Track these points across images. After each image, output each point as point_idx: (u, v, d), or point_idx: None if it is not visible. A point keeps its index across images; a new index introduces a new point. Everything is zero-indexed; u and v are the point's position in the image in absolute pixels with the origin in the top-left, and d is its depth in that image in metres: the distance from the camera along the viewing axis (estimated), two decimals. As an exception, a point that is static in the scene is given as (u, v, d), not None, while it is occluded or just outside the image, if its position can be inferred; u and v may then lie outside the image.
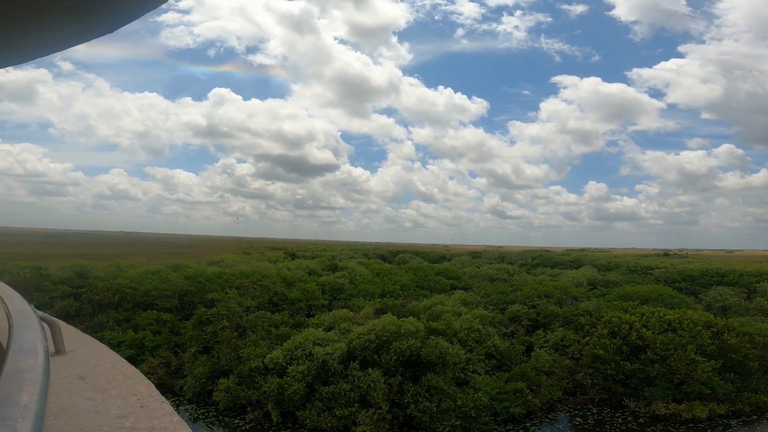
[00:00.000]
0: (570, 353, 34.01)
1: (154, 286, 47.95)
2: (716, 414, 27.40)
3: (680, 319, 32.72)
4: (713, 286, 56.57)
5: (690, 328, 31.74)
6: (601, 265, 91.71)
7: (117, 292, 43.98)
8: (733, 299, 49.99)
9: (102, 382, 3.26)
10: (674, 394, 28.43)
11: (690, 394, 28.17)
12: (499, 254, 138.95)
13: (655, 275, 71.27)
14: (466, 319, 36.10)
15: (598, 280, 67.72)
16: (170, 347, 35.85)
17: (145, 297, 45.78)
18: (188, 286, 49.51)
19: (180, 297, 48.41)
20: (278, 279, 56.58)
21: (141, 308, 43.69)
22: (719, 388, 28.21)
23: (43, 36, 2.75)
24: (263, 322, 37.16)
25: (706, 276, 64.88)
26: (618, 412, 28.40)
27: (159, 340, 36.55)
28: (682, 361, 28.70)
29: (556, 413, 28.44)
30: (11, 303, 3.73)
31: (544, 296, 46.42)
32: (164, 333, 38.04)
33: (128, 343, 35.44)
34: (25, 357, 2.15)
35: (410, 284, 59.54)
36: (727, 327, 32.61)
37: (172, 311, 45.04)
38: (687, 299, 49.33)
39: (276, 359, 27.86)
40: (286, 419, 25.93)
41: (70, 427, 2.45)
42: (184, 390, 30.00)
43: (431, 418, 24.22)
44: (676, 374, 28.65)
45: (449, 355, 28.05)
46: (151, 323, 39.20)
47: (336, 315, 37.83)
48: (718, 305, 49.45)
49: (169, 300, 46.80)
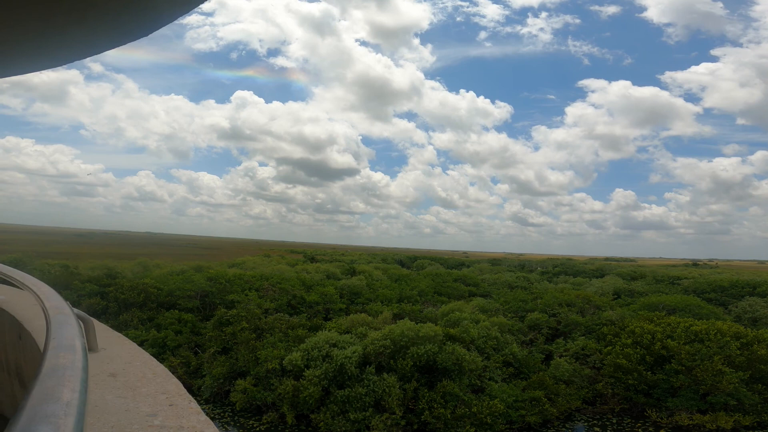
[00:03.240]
0: (591, 362, 33.36)
1: (177, 287, 48.79)
2: (741, 425, 26.64)
3: (707, 330, 31.99)
4: (744, 297, 54.71)
5: (717, 339, 31.00)
6: (625, 274, 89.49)
7: (142, 292, 45.01)
8: (764, 310, 48.45)
9: (133, 380, 3.30)
10: (699, 405, 27.76)
11: (715, 405, 27.48)
12: (519, 262, 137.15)
13: (683, 285, 69.34)
14: (484, 327, 35.74)
15: (622, 290, 66.11)
16: (191, 347, 36.50)
17: (168, 297, 46.65)
18: (210, 287, 50.34)
19: (202, 298, 49.29)
20: (297, 282, 57.14)
21: (164, 308, 44.49)
22: (746, 399, 27.48)
23: (81, 40, 2.92)
24: (281, 324, 37.56)
25: (737, 287, 62.85)
26: (639, 423, 27.80)
27: (180, 340, 37.18)
28: (708, 372, 28.07)
29: (574, 422, 27.87)
30: (48, 300, 3.90)
31: (566, 305, 45.60)
32: (185, 333, 38.70)
33: (151, 342, 36.08)
34: (65, 353, 2.13)
35: (428, 290, 59.26)
36: (757, 338, 31.85)
37: (194, 311, 45.77)
38: (716, 310, 48.08)
39: (294, 361, 28.10)
40: (301, 422, 26.09)
41: (102, 425, 2.49)
42: (202, 390, 30.48)
43: (445, 424, 24.00)
44: (701, 385, 28.03)
45: (466, 361, 27.80)
46: (173, 323, 39.93)
47: (353, 319, 37.97)
48: (748, 316, 48.08)
49: (191, 300, 47.63)
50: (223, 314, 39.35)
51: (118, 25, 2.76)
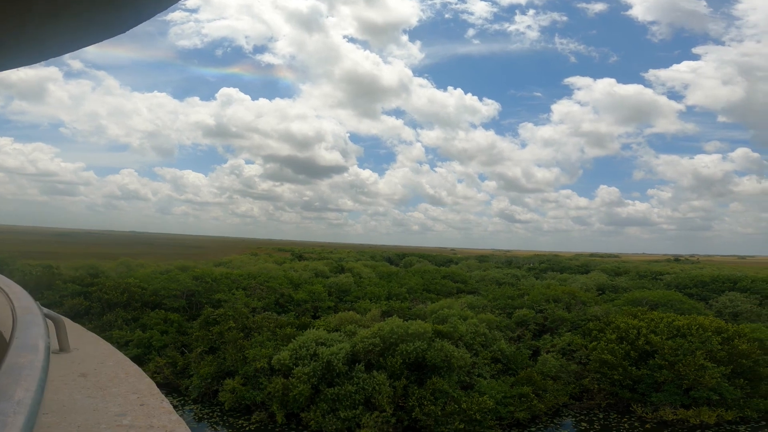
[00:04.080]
0: (577, 358, 33.75)
1: (162, 286, 48.24)
2: (724, 420, 27.01)
3: (689, 325, 32.36)
4: (725, 292, 55.88)
5: (699, 333, 31.38)
6: (609, 270, 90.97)
7: (125, 292, 44.35)
8: (744, 305, 49.44)
9: (103, 380, 3.29)
10: (682, 400, 28.11)
11: (698, 399, 27.83)
12: (506, 258, 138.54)
13: (666, 281, 70.64)
14: (472, 323, 35.97)
15: (607, 285, 67.18)
16: (177, 347, 36.08)
17: (153, 297, 46.09)
18: (196, 287, 49.83)
19: (188, 297, 48.74)
20: (285, 280, 56.83)
21: (149, 308, 43.96)
22: (728, 394, 27.81)
23: (58, 36, 2.80)
24: (269, 323, 37.31)
25: (718, 282, 64.32)
26: (625, 418, 28.11)
27: (166, 340, 36.75)
28: (690, 367, 28.40)
29: (562, 418, 28.16)
30: (17, 299, 3.81)
31: (552, 301, 46.11)
32: (171, 333, 38.25)
33: (136, 343, 35.70)
34: (26, 353, 2.15)
35: (417, 287, 59.45)
36: (738, 333, 32.30)
37: (180, 311, 45.29)
38: (697, 305, 48.86)
39: (283, 360, 27.96)
40: (291, 420, 25.97)
41: (68, 424, 2.48)
42: (190, 390, 30.14)
43: (436, 421, 24.11)
44: (684, 380, 28.35)
45: (455, 358, 27.95)
46: (159, 323, 39.44)
47: (342, 317, 37.89)
48: (728, 311, 48.93)
49: (177, 300, 47.08)
50: (210, 313, 38.97)
51: (96, 22, 2.68)
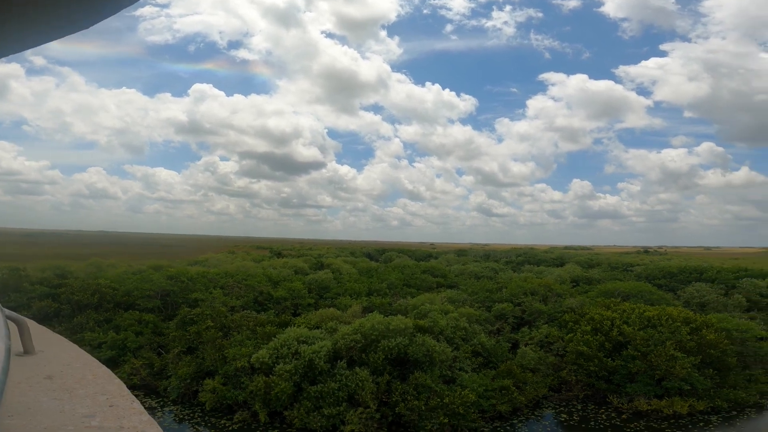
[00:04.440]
0: (554, 350, 34.34)
1: (135, 287, 47.11)
2: (696, 410, 27.41)
3: (659, 316, 32.90)
4: (691, 283, 57.74)
5: (669, 324, 31.91)
6: (583, 262, 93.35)
7: (96, 293, 43.13)
8: (711, 296, 50.93)
9: (70, 382, 3.22)
10: (655, 390, 28.57)
11: (670, 390, 28.29)
12: (484, 252, 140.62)
13: (636, 272, 72.65)
14: (452, 317, 36.28)
15: (581, 277, 68.76)
16: (153, 348, 35.24)
17: (126, 297, 44.98)
18: (171, 286, 48.76)
19: (162, 297, 47.64)
20: (263, 278, 56.11)
21: (122, 309, 42.88)
22: (698, 384, 28.31)
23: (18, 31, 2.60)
24: (248, 321, 36.80)
25: (685, 273, 66.36)
26: (602, 409, 28.54)
27: (141, 341, 35.88)
28: (662, 357, 28.84)
29: (542, 410, 28.54)
30: None
31: (529, 294, 46.88)
32: (147, 334, 37.38)
33: (109, 344, 34.76)
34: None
35: (397, 282, 59.60)
36: (705, 323, 32.91)
37: (155, 312, 44.29)
38: (666, 296, 50.16)
39: (262, 359, 27.58)
40: (274, 419, 25.69)
41: (34, 427, 2.43)
42: (169, 391, 29.50)
43: (420, 416, 24.24)
44: (656, 370, 28.79)
45: (436, 353, 28.14)
46: (133, 324, 38.44)
47: (323, 314, 37.64)
48: (695, 301, 50.29)
49: (151, 300, 45.96)
50: (187, 313, 38.15)
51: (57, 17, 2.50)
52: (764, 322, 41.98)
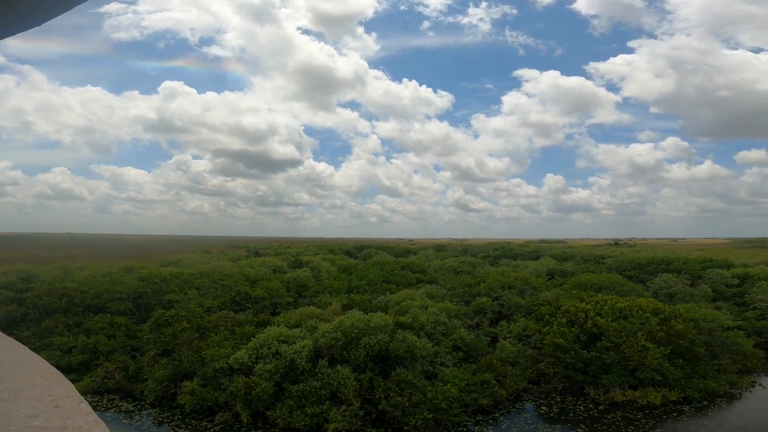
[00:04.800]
0: (532, 343, 34.90)
1: (105, 289, 45.91)
2: (669, 400, 27.85)
3: (630, 307, 33.42)
4: (659, 274, 59.75)
5: (639, 315, 32.45)
6: (557, 255, 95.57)
7: (64, 296, 41.87)
8: (678, 286, 52.49)
9: (17, 384, 3.28)
10: (629, 381, 29.04)
11: (644, 380, 28.77)
12: (462, 247, 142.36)
13: (607, 264, 74.67)
14: (432, 312, 36.54)
15: (555, 270, 70.29)
16: (127, 351, 34.35)
17: (95, 300, 43.85)
18: (143, 288, 47.64)
19: (135, 299, 46.47)
20: (241, 278, 55.27)
21: (92, 312, 41.81)
22: (670, 374, 28.85)
23: None
24: (226, 322, 36.22)
25: (653, 264, 68.41)
26: (580, 400, 28.93)
27: (114, 344, 35.02)
28: (634, 348, 29.32)
29: (523, 403, 28.86)
30: None
31: (507, 287, 47.64)
32: (119, 337, 36.49)
33: (80, 348, 33.87)
34: None
35: (376, 279, 59.62)
36: (673, 313, 33.57)
37: (127, 314, 43.29)
38: (636, 287, 51.33)
39: (241, 359, 27.14)
40: (257, 419, 25.34)
41: None
42: (146, 394, 28.79)
43: (403, 412, 24.32)
44: (629, 361, 29.25)
45: (417, 348, 28.28)
46: (105, 327, 37.51)
47: (302, 312, 37.33)
48: (664, 292, 51.60)
49: (122, 303, 44.81)
50: (161, 315, 37.23)
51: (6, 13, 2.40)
52: (730, 312, 43.81)
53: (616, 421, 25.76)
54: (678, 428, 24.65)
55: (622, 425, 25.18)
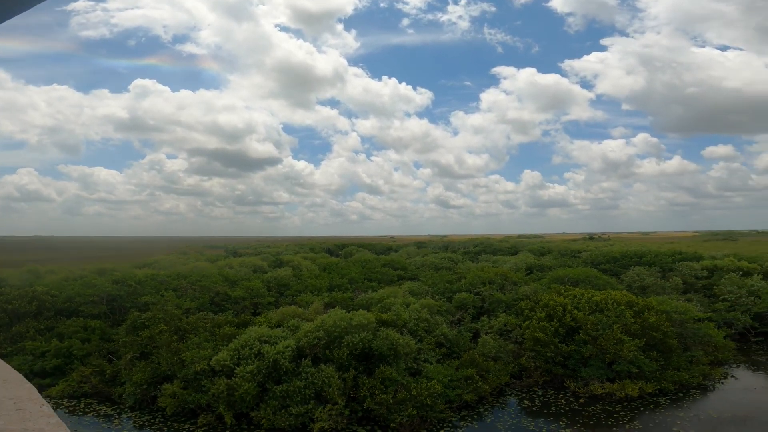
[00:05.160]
0: (513, 337, 35.38)
1: (77, 292, 44.70)
2: (645, 392, 28.39)
3: (606, 300, 33.98)
4: (632, 267, 61.49)
5: (614, 308, 33.01)
6: (535, 250, 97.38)
7: (34, 300, 40.77)
8: (650, 279, 54.03)
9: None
10: (607, 374, 29.54)
11: (620, 373, 29.28)
12: (443, 243, 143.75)
13: (583, 258, 76.31)
14: (414, 309, 36.73)
15: (534, 265, 71.53)
16: (102, 355, 33.59)
17: (67, 304, 42.77)
18: (117, 291, 46.54)
19: (108, 302, 45.35)
20: (219, 278, 54.40)
21: (64, 316, 40.77)
22: (645, 366, 29.40)
23: None
24: (206, 323, 35.66)
25: (627, 257, 70.17)
26: (561, 394, 29.34)
27: (89, 348, 34.23)
28: (610, 341, 29.80)
29: (506, 397, 29.12)
30: None
31: (487, 283, 48.22)
32: (94, 340, 35.69)
33: (53, 353, 32.96)
34: None
35: (358, 277, 59.55)
36: (646, 306, 34.19)
37: (101, 317, 42.33)
38: (611, 280, 52.41)
39: (223, 361, 26.71)
40: (241, 420, 25.00)
41: None
42: (124, 398, 28.13)
43: (388, 409, 24.36)
44: (606, 354, 29.72)
45: (400, 345, 28.37)
46: (78, 331, 36.68)
47: (284, 312, 36.94)
48: (637, 285, 52.82)
49: (96, 306, 43.69)
50: (137, 318, 36.37)
51: None
52: (700, 303, 45.20)
53: (596, 413, 26.25)
54: (655, 420, 25.15)
55: (602, 418, 25.66)
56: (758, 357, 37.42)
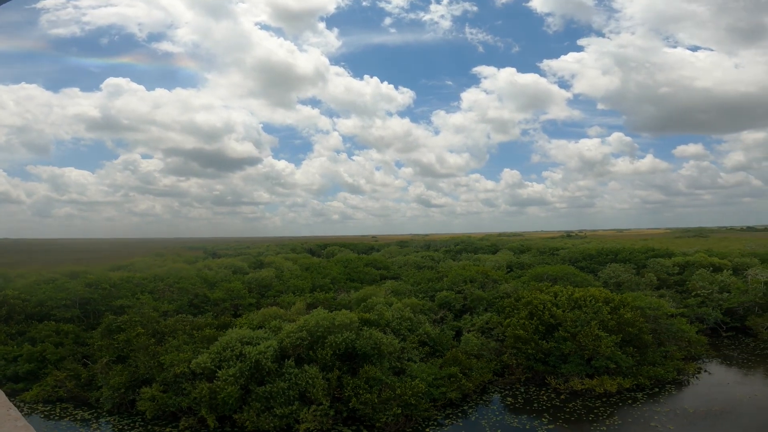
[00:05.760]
0: (495, 335, 35.70)
1: (48, 296, 43.45)
2: (623, 388, 28.96)
3: (584, 297, 34.43)
4: (609, 264, 62.80)
5: (592, 304, 33.50)
6: (515, 248, 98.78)
7: (4, 304, 39.75)
8: (624, 275, 55.42)
9: None
10: (586, 370, 30.03)
11: (599, 368, 29.82)
12: (425, 242, 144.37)
13: (561, 255, 77.65)
14: (397, 308, 36.74)
15: (514, 263, 72.44)
16: (77, 359, 32.71)
17: (39, 308, 41.60)
18: (90, 294, 45.34)
19: (82, 306, 44.14)
20: (198, 280, 53.41)
21: (36, 320, 39.62)
22: (622, 362, 30.02)
23: None
24: (184, 325, 34.96)
25: (603, 254, 71.71)
26: (542, 390, 29.68)
27: (62, 352, 33.33)
28: (588, 337, 30.30)
29: (490, 395, 29.31)
30: None
31: (469, 281, 48.62)
32: (68, 344, 34.79)
33: (26, 357, 32.08)
34: None
35: (340, 277, 59.29)
36: (622, 302, 34.65)
37: (74, 321, 41.29)
38: (588, 277, 53.24)
39: (204, 364, 26.14)
40: (224, 423, 24.53)
41: None
42: (102, 402, 27.41)
43: (374, 409, 24.26)
44: (585, 350, 30.20)
45: (384, 345, 28.32)
46: (51, 335, 35.72)
47: (265, 313, 36.45)
48: (613, 281, 54.02)
49: (69, 310, 42.49)
50: (112, 321, 35.43)
51: None
52: (672, 299, 46.33)
53: (577, 409, 26.66)
54: (633, 415, 25.65)
55: (583, 414, 26.08)
56: (730, 352, 38.52)
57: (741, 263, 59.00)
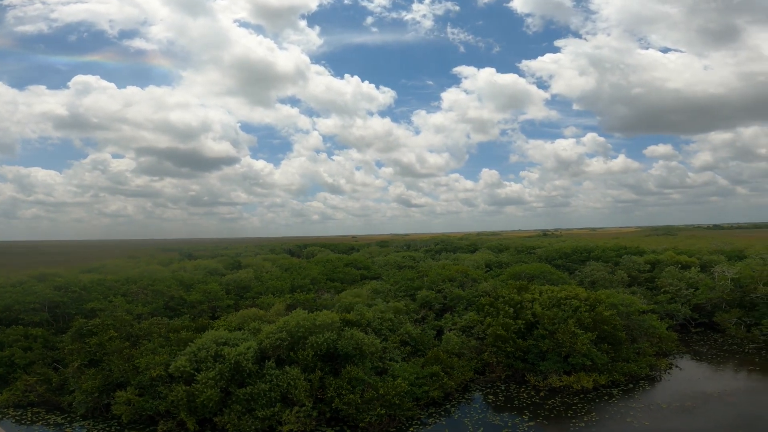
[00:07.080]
0: (475, 334, 36.13)
1: (16, 300, 42.10)
2: (600, 384, 29.51)
3: (568, 296, 35.19)
4: (587, 262, 64.28)
5: (569, 302, 34.29)
6: (494, 247, 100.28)
7: None
8: (599, 273, 56.84)
9: None
10: (563, 367, 30.53)
11: (576, 365, 30.32)
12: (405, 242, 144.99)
13: (538, 254, 79.27)
14: (378, 309, 36.79)
15: (492, 262, 73.55)
16: (47, 363, 31.76)
17: (5, 312, 40.44)
18: (60, 297, 44.06)
19: (51, 309, 42.76)
20: (174, 282, 52.26)
21: (3, 324, 38.54)
22: (597, 359, 30.56)
23: None
24: (160, 328, 34.25)
25: (578, 253, 73.55)
26: (522, 387, 30.03)
27: (31, 357, 32.31)
28: (566, 335, 30.86)
29: (471, 393, 29.49)
30: None
31: (448, 280, 49.09)
32: (37, 349, 33.67)
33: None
34: None
35: (320, 277, 58.94)
36: (597, 300, 35.43)
37: (43, 325, 40.15)
38: (563, 275, 54.32)
39: (182, 367, 25.55)
40: (204, 426, 23.98)
41: None
42: (75, 406, 26.53)
43: (357, 409, 24.15)
44: (562, 347, 30.71)
45: (366, 345, 28.28)
46: (19, 339, 34.58)
47: (244, 314, 35.92)
48: (588, 279, 55.41)
49: (37, 313, 41.19)
50: (83, 324, 34.34)
51: None
52: (643, 296, 47.65)
53: (556, 406, 27.08)
54: (610, 411, 26.14)
55: (562, 410, 26.49)
56: (699, 347, 39.77)
57: (708, 260, 61.42)
